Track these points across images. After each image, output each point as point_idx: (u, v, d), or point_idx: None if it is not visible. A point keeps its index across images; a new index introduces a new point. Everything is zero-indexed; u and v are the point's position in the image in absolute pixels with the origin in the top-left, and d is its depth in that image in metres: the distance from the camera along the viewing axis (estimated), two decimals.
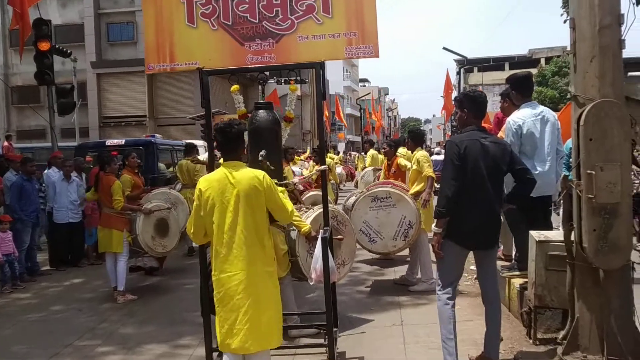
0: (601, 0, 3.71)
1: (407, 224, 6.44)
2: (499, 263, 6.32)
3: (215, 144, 3.98)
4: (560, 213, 6.57)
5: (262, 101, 4.44)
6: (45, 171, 9.68)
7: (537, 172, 5.09)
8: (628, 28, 3.84)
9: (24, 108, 23.39)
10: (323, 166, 4.47)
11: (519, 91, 5.46)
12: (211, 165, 4.35)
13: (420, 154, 6.92)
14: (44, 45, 12.31)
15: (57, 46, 16.05)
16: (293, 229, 5.03)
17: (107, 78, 28.91)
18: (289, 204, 3.89)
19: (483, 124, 4.31)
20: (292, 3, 4.43)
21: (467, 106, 4.28)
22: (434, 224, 4.17)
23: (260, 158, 4.25)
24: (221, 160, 3.87)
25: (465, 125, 4.30)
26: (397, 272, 7.69)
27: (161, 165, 12.31)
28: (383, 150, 9.96)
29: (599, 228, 3.67)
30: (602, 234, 3.66)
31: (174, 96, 27.87)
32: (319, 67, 4.40)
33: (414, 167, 6.91)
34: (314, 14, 4.42)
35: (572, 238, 4.00)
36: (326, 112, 38.48)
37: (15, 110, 28.94)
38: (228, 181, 3.63)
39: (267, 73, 5.39)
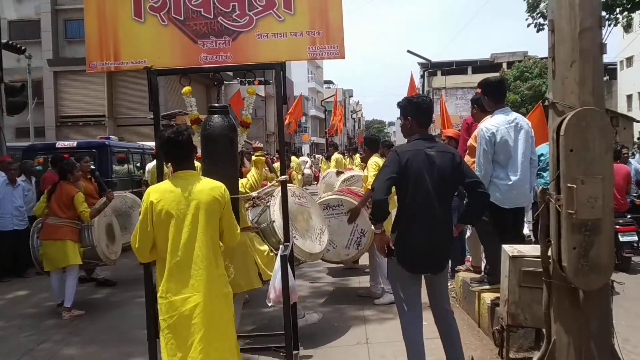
0: (582, 0, 3.45)
1: (359, 232, 6.31)
2: (468, 275, 6.10)
3: (163, 154, 3.58)
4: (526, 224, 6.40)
5: (216, 105, 4.06)
6: None
7: (510, 182, 4.87)
8: (608, 33, 3.59)
9: None
10: (283, 176, 4.12)
11: (491, 97, 5.19)
12: (160, 175, 3.95)
13: (372, 161, 6.66)
14: None
15: (11, 42, 15.29)
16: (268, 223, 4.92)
17: (65, 76, 27.95)
18: (237, 226, 3.54)
19: (448, 131, 4.05)
20: None
21: (411, 113, 3.91)
22: (372, 226, 3.92)
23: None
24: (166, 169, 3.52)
25: (410, 134, 3.92)
26: (361, 282, 7.40)
27: (124, 168, 11.79)
28: (360, 156, 9.77)
29: (580, 246, 3.41)
30: (582, 252, 3.40)
31: (134, 95, 27.04)
32: (280, 68, 4.04)
33: (365, 173, 6.69)
34: (274, 9, 4.06)
35: (549, 254, 3.74)
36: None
37: None
38: (185, 192, 3.27)
39: (230, 74, 5.04)
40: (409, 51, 27.74)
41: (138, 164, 12.37)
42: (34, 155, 10.68)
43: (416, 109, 3.89)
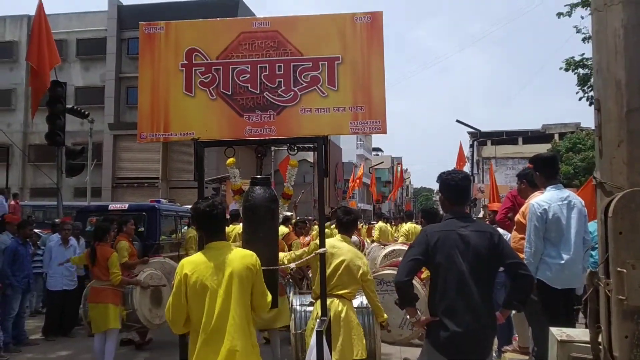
0: (629, 80, 3.39)
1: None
2: (515, 356, 5.82)
3: (197, 225, 3.66)
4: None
5: (259, 176, 4.15)
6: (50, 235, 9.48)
7: (562, 261, 4.68)
8: None
9: (40, 166, 23.64)
10: (322, 249, 4.11)
11: (543, 173, 5.06)
12: (201, 244, 4.00)
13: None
14: (58, 107, 12.30)
15: (76, 107, 16.22)
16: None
17: (123, 140, 29.32)
18: (268, 294, 3.53)
19: (493, 205, 3.91)
20: (296, 74, 4.21)
21: (442, 190, 3.75)
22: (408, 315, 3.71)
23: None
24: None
25: (445, 212, 3.76)
26: (403, 351, 7.13)
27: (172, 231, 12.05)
28: (421, 222, 9.71)
29: (632, 334, 3.20)
30: (635, 341, 3.19)
31: (188, 159, 27.88)
32: (322, 142, 4.11)
33: None
34: (318, 86, 4.18)
35: (600, 341, 3.52)
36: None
37: (31, 168, 29.18)
38: (218, 262, 3.29)
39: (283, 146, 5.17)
40: (458, 121, 27.74)
41: (186, 227, 12.60)
42: (87, 216, 11.05)
43: (445, 186, 3.74)
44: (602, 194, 3.56)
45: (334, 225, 10.81)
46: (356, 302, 5.15)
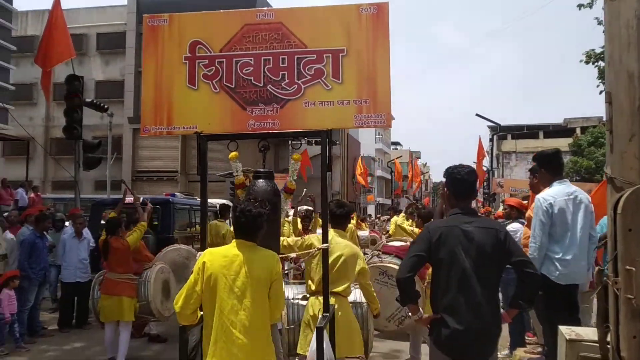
0: None
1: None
2: (526, 355, 5.72)
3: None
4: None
5: (261, 170, 4.11)
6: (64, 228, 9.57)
7: (567, 257, 4.59)
8: None
9: (60, 159, 23.96)
10: (325, 244, 4.06)
11: (548, 169, 4.97)
12: (203, 238, 3.99)
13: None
14: (75, 101, 12.38)
15: (96, 101, 16.35)
16: None
17: None
18: (283, 301, 3.51)
19: (510, 200, 3.78)
20: (300, 67, 4.15)
21: (448, 185, 3.64)
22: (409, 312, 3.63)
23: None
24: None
25: (451, 207, 3.63)
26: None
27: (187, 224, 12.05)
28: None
29: None
30: None
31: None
32: (325, 135, 4.05)
33: None
34: (322, 78, 4.12)
35: (608, 341, 3.42)
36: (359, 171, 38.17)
37: (53, 161, 29.56)
38: (237, 259, 3.26)
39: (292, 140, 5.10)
40: (477, 114, 27.48)
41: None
42: (102, 210, 11.13)
43: (451, 181, 3.63)
44: (612, 190, 3.45)
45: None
46: (351, 297, 5.03)
